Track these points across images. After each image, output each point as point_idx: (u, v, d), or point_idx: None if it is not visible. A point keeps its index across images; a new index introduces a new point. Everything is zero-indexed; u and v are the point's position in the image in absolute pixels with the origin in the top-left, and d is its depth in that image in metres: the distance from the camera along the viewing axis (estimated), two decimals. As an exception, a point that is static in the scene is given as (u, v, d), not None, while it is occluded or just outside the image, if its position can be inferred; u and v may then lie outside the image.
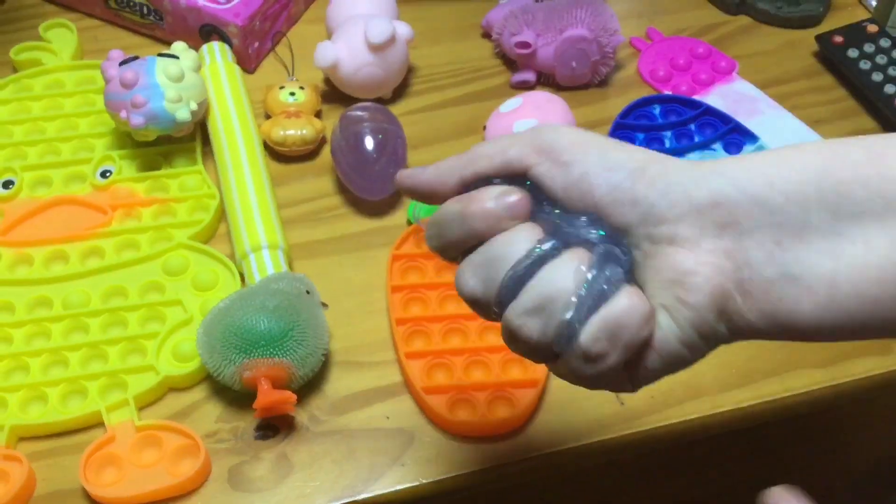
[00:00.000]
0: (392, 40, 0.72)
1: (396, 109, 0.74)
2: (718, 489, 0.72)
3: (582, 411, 0.58)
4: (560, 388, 0.59)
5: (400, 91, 0.78)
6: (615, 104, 0.76)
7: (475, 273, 0.38)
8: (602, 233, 0.36)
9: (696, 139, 0.74)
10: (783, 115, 0.76)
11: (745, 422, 0.60)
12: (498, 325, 0.40)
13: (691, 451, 0.65)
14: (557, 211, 0.38)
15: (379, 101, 0.75)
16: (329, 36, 0.77)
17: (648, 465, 0.67)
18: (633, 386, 0.38)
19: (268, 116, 0.73)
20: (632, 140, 0.74)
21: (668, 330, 0.36)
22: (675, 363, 0.37)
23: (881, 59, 0.78)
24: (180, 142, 0.70)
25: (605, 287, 0.35)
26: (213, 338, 0.56)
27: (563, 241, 0.36)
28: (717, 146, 0.74)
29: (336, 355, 0.61)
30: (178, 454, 0.55)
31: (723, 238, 0.35)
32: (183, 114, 0.66)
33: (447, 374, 0.59)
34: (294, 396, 0.55)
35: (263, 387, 0.55)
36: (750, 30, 0.85)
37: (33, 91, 0.75)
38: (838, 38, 0.80)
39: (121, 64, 0.67)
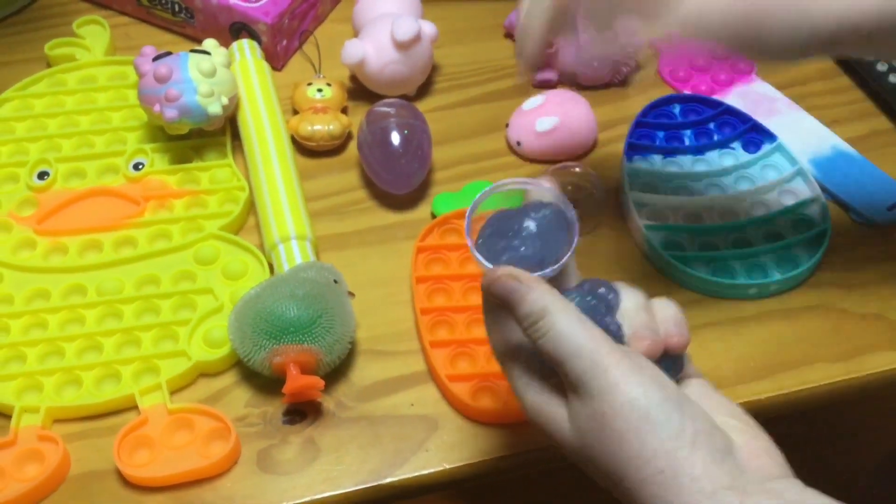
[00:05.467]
0: (417, 39, 0.74)
1: (420, 106, 0.75)
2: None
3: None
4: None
5: (424, 89, 0.79)
6: (636, 103, 0.78)
7: None
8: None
9: (716, 137, 0.75)
10: (801, 115, 0.77)
11: (763, 413, 0.60)
12: None
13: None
14: None
15: (403, 98, 0.76)
16: (355, 34, 0.79)
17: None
18: None
19: (295, 112, 0.75)
20: (652, 139, 0.75)
21: None
22: None
23: (898, 62, 0.79)
24: (211, 136, 0.72)
25: None
26: (245, 324, 0.57)
27: None
28: (736, 144, 0.75)
29: (362, 344, 0.62)
30: (209, 437, 0.57)
31: None
32: (215, 108, 0.67)
33: (470, 363, 0.60)
34: (322, 382, 0.57)
35: (292, 372, 0.56)
36: (769, 32, 0.86)
37: (67, 85, 0.77)
38: (856, 41, 0.81)
39: (154, 59, 0.69)
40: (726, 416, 0.42)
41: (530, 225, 0.44)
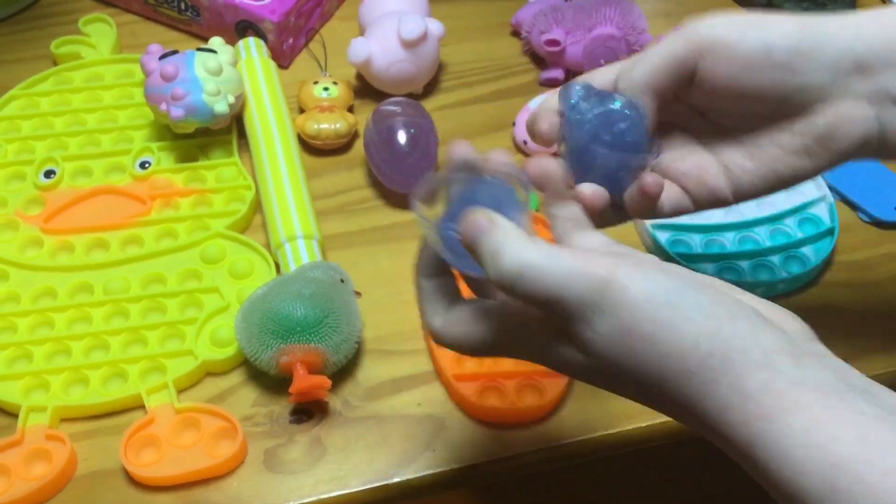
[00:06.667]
0: (424, 37, 0.73)
1: (427, 105, 0.75)
2: (745, 484, 0.73)
3: (609, 400, 0.59)
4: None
5: (430, 87, 0.79)
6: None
7: None
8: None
9: (723, 137, 0.75)
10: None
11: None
12: None
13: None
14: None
15: (410, 96, 0.76)
16: (361, 33, 0.79)
17: (676, 457, 0.68)
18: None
19: (302, 111, 0.75)
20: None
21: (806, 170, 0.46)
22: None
23: (907, 60, 0.79)
24: (217, 134, 0.72)
25: None
26: (252, 323, 0.57)
27: None
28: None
29: (368, 343, 0.62)
30: (216, 436, 0.57)
31: (864, 82, 0.43)
32: (221, 106, 0.67)
33: (477, 363, 0.60)
34: (329, 381, 0.57)
35: (299, 372, 0.56)
36: (776, 30, 0.86)
37: (73, 84, 0.77)
38: (864, 39, 0.80)
39: (160, 58, 0.69)
40: (730, 291, 0.39)
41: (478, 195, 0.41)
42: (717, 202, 0.49)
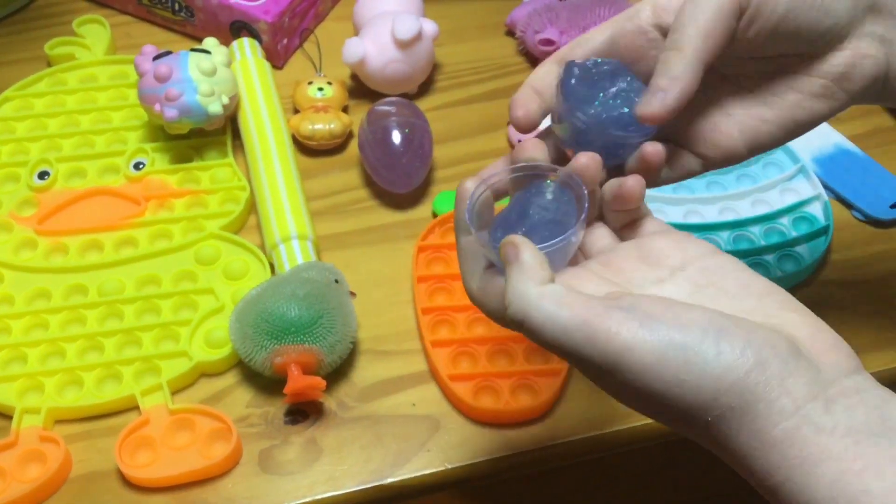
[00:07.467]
0: (418, 37, 0.73)
1: (421, 105, 0.75)
2: (744, 485, 0.73)
3: (604, 400, 0.59)
4: (582, 378, 0.60)
5: (425, 87, 0.79)
6: (637, 101, 0.77)
7: None
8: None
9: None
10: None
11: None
12: None
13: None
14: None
15: (404, 96, 0.76)
16: (356, 33, 0.79)
17: (675, 457, 0.68)
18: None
19: (296, 111, 0.75)
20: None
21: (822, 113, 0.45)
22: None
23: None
24: (211, 135, 0.72)
25: None
26: (246, 324, 0.57)
27: None
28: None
29: (363, 344, 0.62)
30: (211, 437, 0.57)
31: (875, 23, 0.43)
32: (215, 107, 0.67)
33: (472, 363, 0.60)
34: (323, 382, 0.57)
35: (294, 372, 0.56)
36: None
37: (68, 85, 0.77)
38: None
39: (154, 59, 0.69)
40: (777, 307, 0.37)
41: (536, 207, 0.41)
42: (731, 160, 0.46)
